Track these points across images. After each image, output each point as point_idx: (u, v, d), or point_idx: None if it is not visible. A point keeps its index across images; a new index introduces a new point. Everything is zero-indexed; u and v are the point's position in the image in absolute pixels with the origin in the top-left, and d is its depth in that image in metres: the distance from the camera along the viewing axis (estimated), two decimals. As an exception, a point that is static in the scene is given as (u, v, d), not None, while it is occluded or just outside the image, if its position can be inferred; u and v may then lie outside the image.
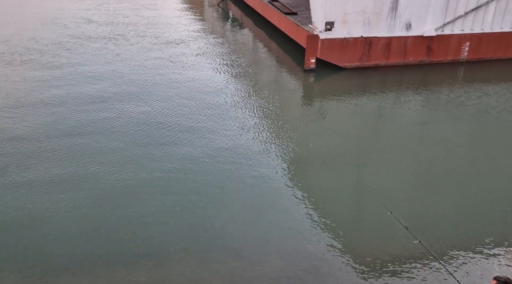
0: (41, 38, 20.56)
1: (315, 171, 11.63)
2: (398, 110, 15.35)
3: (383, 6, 17.57)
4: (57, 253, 8.62)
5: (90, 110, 14.00)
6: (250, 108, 14.68)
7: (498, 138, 13.51)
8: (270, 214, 9.83)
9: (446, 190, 10.97)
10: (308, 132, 13.58)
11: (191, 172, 11.07)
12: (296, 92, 16.83)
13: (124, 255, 8.62)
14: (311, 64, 17.99)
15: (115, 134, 12.68)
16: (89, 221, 9.42)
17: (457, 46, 19.15)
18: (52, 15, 24.32)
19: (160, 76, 16.90)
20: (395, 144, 12.95)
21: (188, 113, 14.11)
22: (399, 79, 17.71)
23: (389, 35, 18.16)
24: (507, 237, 9.42)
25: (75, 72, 16.92)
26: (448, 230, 9.59)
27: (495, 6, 18.70)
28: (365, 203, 10.43)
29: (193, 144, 12.31)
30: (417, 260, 8.68)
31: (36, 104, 14.33)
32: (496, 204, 10.50)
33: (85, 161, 11.38)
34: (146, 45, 20.21)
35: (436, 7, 18.09)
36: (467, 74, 18.34)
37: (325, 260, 8.66)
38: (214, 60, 18.89)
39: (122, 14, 25.44)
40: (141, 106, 14.44)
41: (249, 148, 12.24)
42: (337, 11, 17.23)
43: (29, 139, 12.30)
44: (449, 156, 12.33)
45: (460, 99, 16.02)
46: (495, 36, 19.35)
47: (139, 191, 10.34)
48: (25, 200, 9.93)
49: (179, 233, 9.19)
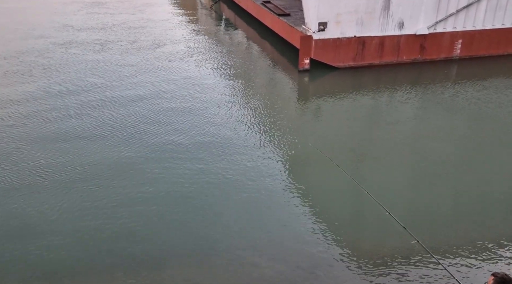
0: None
1: (311, 172, 11.66)
2: (393, 109, 15.41)
3: (375, 5, 17.63)
4: (56, 258, 8.61)
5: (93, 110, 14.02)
6: (245, 109, 14.68)
7: (494, 135, 13.58)
8: (267, 216, 9.85)
9: (443, 188, 11.02)
10: (304, 132, 13.61)
11: (188, 175, 11.08)
12: (291, 93, 16.86)
13: (123, 259, 8.62)
14: (305, 65, 18.03)
15: (112, 139, 12.68)
16: (88, 226, 9.41)
17: (450, 44, 19.25)
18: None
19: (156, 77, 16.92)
20: (391, 143, 12.99)
21: (179, 112, 14.11)
22: (393, 78, 17.77)
23: (382, 34, 18.23)
24: (505, 234, 9.47)
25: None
26: (446, 229, 9.63)
27: (486, 3, 18.80)
28: (362, 203, 10.45)
29: (186, 146, 12.32)
30: (416, 260, 8.72)
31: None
32: (493, 201, 10.56)
33: (83, 163, 11.39)
34: (133, 47, 20.20)
35: (428, 6, 18.18)
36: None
37: (324, 261, 8.69)
38: (208, 62, 18.88)
39: (113, 18, 25.37)
40: (132, 111, 14.46)
41: (245, 149, 12.25)
42: (330, 11, 17.28)
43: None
44: (445, 154, 12.39)
45: (454, 96, 16.09)
46: (487, 33, 19.46)
47: (138, 196, 10.36)
48: (22, 206, 9.92)
49: (178, 237, 9.20)
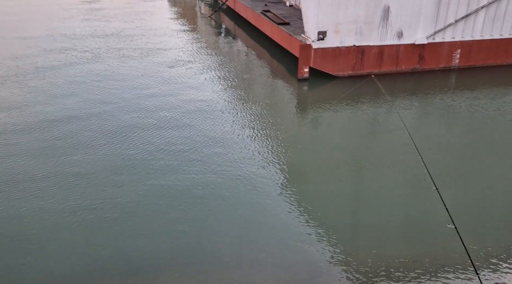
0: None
1: (310, 180, 11.64)
2: (392, 118, 15.43)
3: (374, 15, 17.75)
4: (53, 268, 8.55)
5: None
6: (244, 118, 14.69)
7: (492, 144, 13.62)
8: (266, 224, 9.80)
9: (442, 195, 11.00)
10: (303, 140, 13.61)
11: (186, 183, 11.06)
12: (290, 102, 16.89)
13: (120, 268, 8.56)
14: (305, 74, 18.10)
15: (113, 146, 12.69)
16: (85, 236, 9.37)
17: (449, 54, 19.36)
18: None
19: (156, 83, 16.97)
20: (389, 152, 12.99)
21: (179, 123, 14.13)
22: (391, 87, 17.82)
23: (381, 43, 18.34)
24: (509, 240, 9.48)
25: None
26: (448, 238, 9.62)
27: (485, 14, 18.96)
28: (361, 211, 10.44)
29: (182, 155, 12.31)
30: (416, 266, 8.69)
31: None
32: (491, 210, 10.57)
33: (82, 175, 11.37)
34: (136, 55, 20.27)
35: (427, 16, 18.31)
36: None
37: (323, 269, 8.64)
38: (208, 71, 18.94)
39: (113, 26, 25.48)
40: (135, 117, 14.47)
41: (243, 158, 12.24)
42: (329, 20, 17.39)
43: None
44: (443, 163, 12.39)
45: (453, 106, 16.14)
46: (485, 43, 19.59)
47: (136, 205, 10.34)
48: (21, 215, 9.88)
49: (175, 246, 9.15)
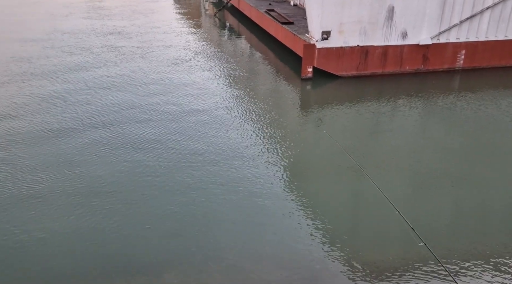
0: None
1: (313, 179, 11.63)
2: (395, 118, 15.40)
3: (379, 15, 17.71)
4: (52, 268, 8.56)
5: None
6: (247, 117, 14.70)
7: (496, 146, 13.56)
8: (267, 224, 9.81)
9: (445, 197, 10.99)
10: (306, 140, 13.60)
11: (186, 184, 11.08)
12: (294, 101, 16.88)
13: (121, 267, 8.57)
14: (308, 73, 18.08)
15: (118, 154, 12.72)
16: (84, 236, 9.40)
17: (453, 55, 19.30)
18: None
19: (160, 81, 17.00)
20: (392, 152, 12.97)
21: (182, 121, 14.15)
22: (395, 88, 17.80)
23: (385, 44, 18.30)
24: (508, 242, 9.44)
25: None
26: (449, 236, 9.60)
27: (490, 15, 18.89)
28: (364, 211, 10.43)
29: (186, 155, 12.33)
30: (418, 267, 8.68)
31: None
32: (493, 211, 10.54)
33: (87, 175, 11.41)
34: (141, 52, 20.30)
35: (432, 16, 18.25)
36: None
37: (325, 269, 8.64)
38: (211, 70, 18.96)
39: (119, 24, 25.52)
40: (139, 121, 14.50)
41: (245, 157, 12.24)
42: (334, 20, 17.36)
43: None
44: (446, 164, 12.36)
45: (457, 107, 16.09)
46: (490, 44, 19.51)
47: (136, 202, 10.36)
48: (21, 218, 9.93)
49: (177, 245, 9.17)
